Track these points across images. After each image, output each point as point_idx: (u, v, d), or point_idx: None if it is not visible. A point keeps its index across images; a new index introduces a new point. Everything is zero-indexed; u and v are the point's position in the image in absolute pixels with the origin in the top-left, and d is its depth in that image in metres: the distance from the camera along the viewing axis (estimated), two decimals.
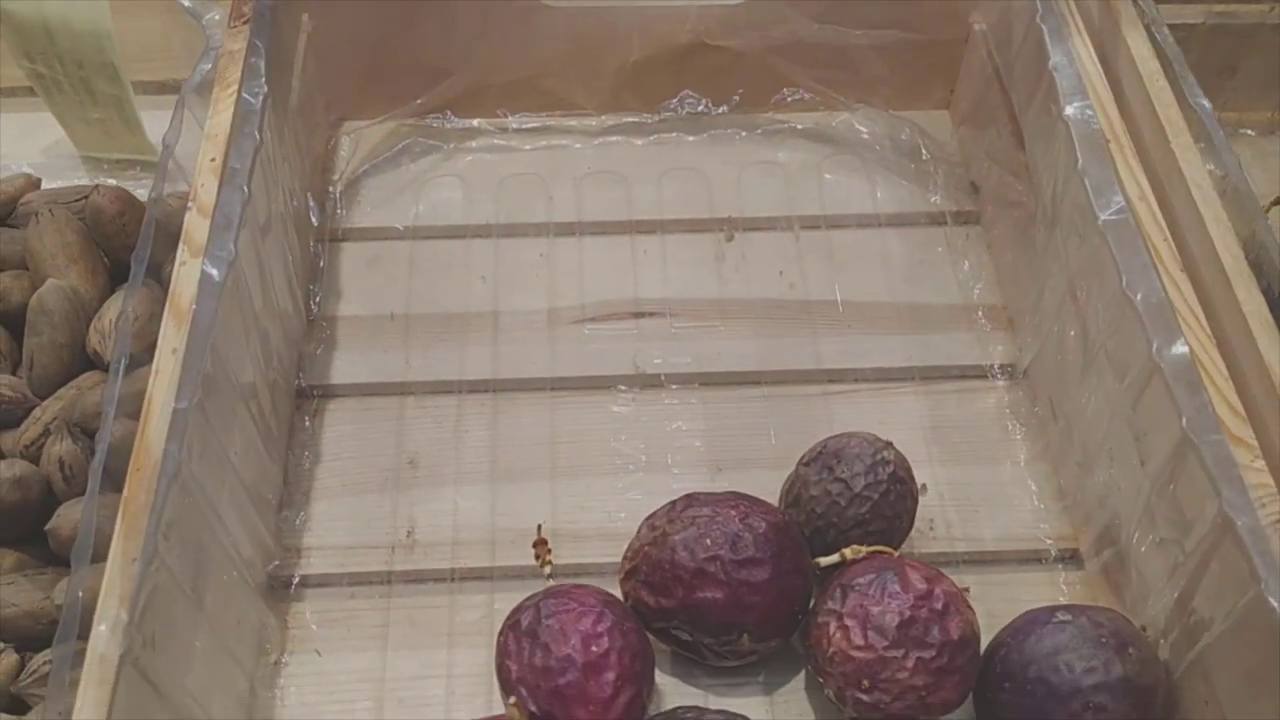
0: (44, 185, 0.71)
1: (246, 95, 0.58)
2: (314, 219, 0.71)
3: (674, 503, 0.56)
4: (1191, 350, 0.50)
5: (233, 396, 0.54)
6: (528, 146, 0.79)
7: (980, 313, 0.71)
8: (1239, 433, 0.48)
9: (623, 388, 0.68)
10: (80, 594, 0.43)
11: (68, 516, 0.51)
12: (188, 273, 0.52)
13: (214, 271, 0.52)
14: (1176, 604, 0.51)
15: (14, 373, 0.59)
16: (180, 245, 0.53)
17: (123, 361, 0.50)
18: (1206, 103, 0.57)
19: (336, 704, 0.56)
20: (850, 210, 0.76)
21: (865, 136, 0.79)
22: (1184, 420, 0.49)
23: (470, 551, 0.61)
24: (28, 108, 0.77)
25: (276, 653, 0.57)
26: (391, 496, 0.63)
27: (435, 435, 0.65)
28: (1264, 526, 0.46)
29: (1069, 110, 0.59)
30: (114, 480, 0.48)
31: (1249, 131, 0.78)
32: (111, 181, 0.73)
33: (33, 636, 0.49)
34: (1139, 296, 0.53)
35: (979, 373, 0.69)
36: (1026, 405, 0.67)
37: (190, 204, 0.54)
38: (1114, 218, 0.55)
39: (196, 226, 0.53)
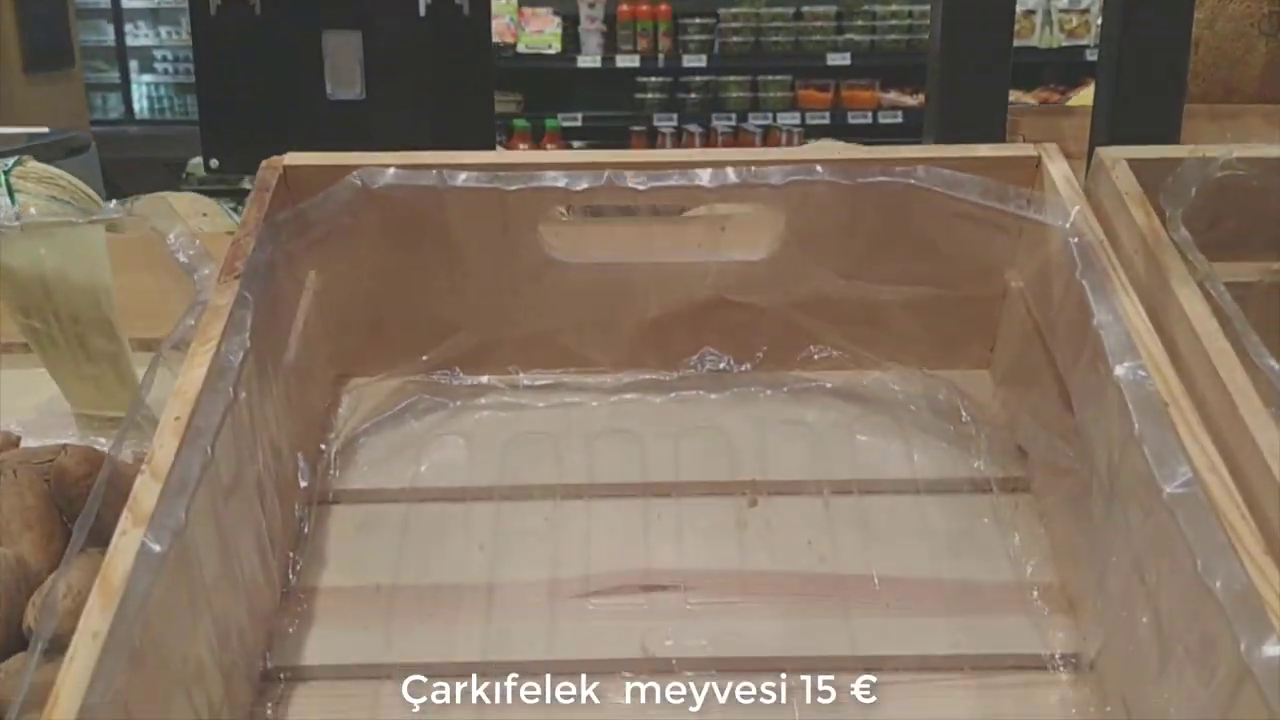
0: (28, 443, 0.68)
1: (226, 351, 0.55)
2: (303, 480, 0.67)
3: None
4: None
5: (169, 684, 0.48)
6: (540, 404, 0.74)
7: (1036, 592, 0.63)
8: None
9: (628, 674, 0.59)
10: None
11: None
12: (126, 544, 0.46)
13: (156, 546, 0.46)
14: None
15: None
16: (124, 513, 0.48)
17: (40, 646, 0.44)
18: (1275, 363, 0.51)
19: None
20: (886, 475, 0.70)
21: (900, 396, 0.74)
22: None
23: None
24: (24, 364, 0.75)
25: None
26: None
27: None
28: None
29: (1119, 371, 0.54)
30: None
31: None
32: (102, 440, 0.69)
33: None
34: (1219, 584, 0.45)
35: (1038, 663, 0.60)
36: (1096, 704, 0.57)
37: (144, 466, 0.49)
38: (1181, 490, 0.48)
39: (146, 492, 0.48)
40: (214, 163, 1.15)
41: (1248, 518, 0.47)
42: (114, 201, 0.78)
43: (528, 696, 0.59)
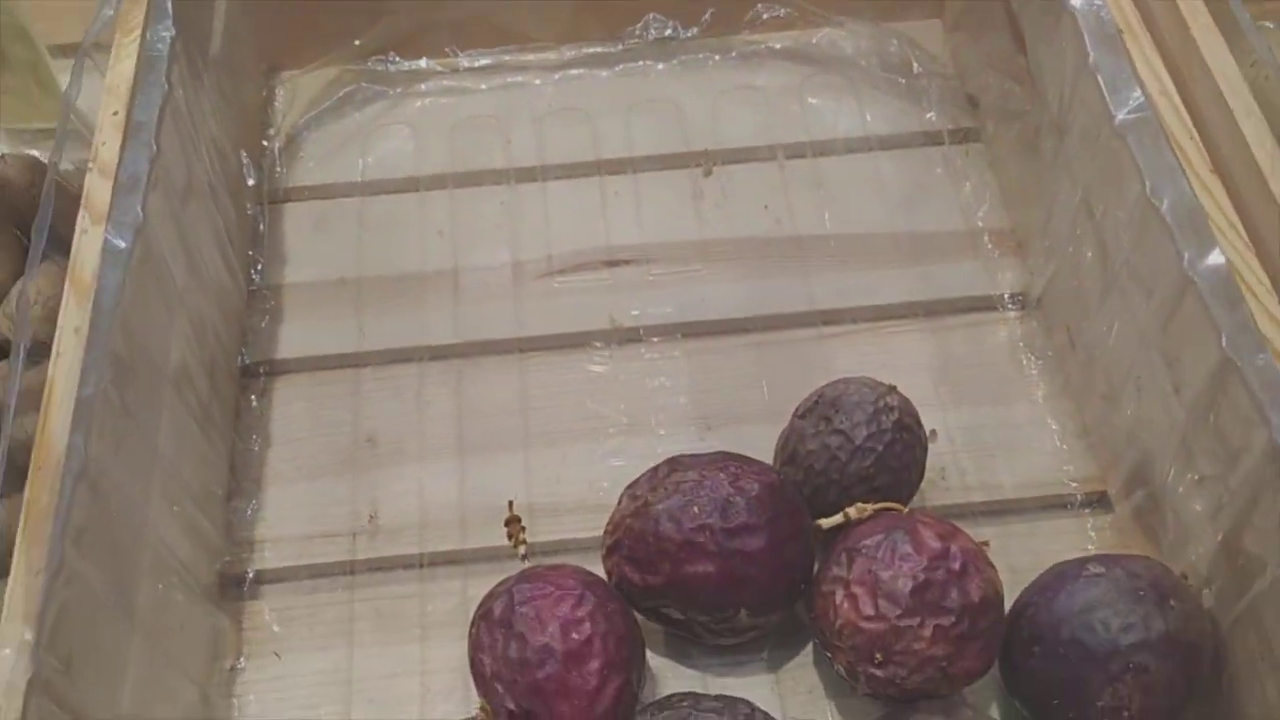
0: None
1: (152, 40, 0.52)
2: (250, 179, 0.65)
3: (656, 468, 0.51)
4: (1229, 260, 0.44)
5: (156, 380, 0.49)
6: (482, 86, 0.72)
7: (986, 238, 0.65)
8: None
9: (598, 344, 0.62)
10: None
11: None
12: (89, 242, 0.46)
13: (119, 241, 0.46)
14: (1222, 547, 0.46)
15: None
16: (80, 212, 0.47)
17: (23, 347, 0.44)
18: None
19: (300, 709, 0.51)
20: (838, 134, 0.70)
21: (849, 53, 0.72)
22: (1224, 340, 0.43)
23: (439, 534, 0.55)
24: None
25: (231, 658, 0.52)
26: (350, 479, 0.57)
27: (395, 409, 0.59)
28: None
29: (1074, 1, 0.53)
30: (18, 482, 0.42)
31: (1268, 24, 0.71)
32: (34, 152, 0.66)
33: None
34: (1165, 204, 0.47)
35: (988, 304, 0.63)
36: (1042, 337, 0.61)
37: (90, 164, 0.48)
38: (1133, 116, 0.49)
39: (97, 189, 0.47)
40: None
41: (1195, 138, 0.48)
42: None
43: (503, 370, 0.61)
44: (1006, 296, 0.63)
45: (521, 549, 0.51)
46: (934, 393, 0.59)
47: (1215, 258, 0.44)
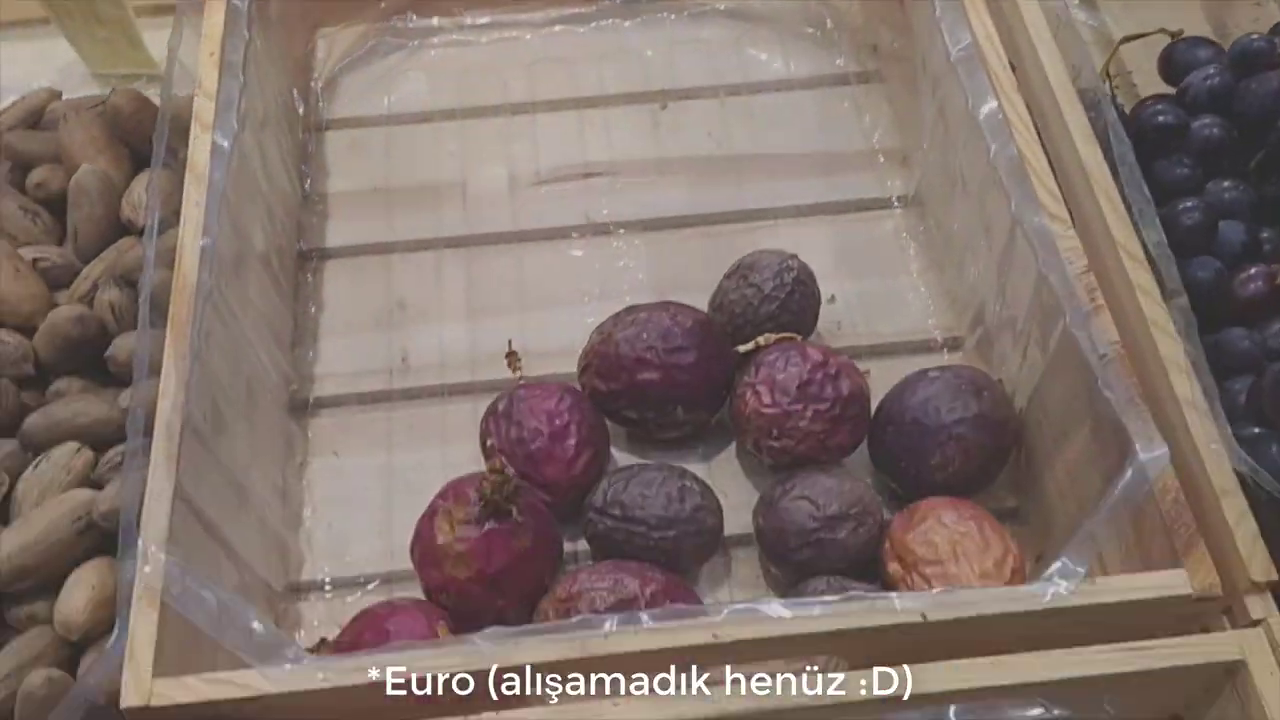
0: (64, 98, 0.82)
1: (234, 2, 0.69)
2: (300, 109, 0.82)
3: (618, 313, 0.68)
4: (1019, 150, 0.62)
5: (246, 250, 0.66)
6: (483, 40, 0.90)
7: (881, 156, 0.83)
8: (1055, 211, 0.60)
9: (576, 235, 0.79)
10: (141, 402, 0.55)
11: (122, 344, 0.63)
12: (201, 144, 0.63)
13: (223, 142, 0.63)
14: (1022, 358, 0.64)
15: (59, 245, 0.70)
16: (192, 124, 0.64)
17: (155, 216, 0.62)
18: None
19: (354, 490, 0.69)
20: (767, 77, 0.87)
21: (778, 12, 0.90)
22: (1012, 206, 0.61)
23: (455, 371, 0.73)
24: (45, 36, 0.87)
25: (301, 455, 0.70)
26: (386, 333, 0.75)
27: (419, 282, 0.77)
28: (1072, 278, 0.58)
29: None
30: (159, 314, 0.59)
31: None
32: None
33: (103, 439, 0.61)
34: (982, 114, 0.64)
35: (880, 204, 0.81)
36: (918, 226, 0.79)
37: (197, 91, 0.65)
38: (962, 54, 0.67)
39: (204, 108, 0.64)
40: None
41: (1007, 68, 0.66)
42: None
43: (502, 256, 0.78)
44: (894, 199, 0.81)
45: (518, 373, 0.69)
46: (835, 269, 0.77)
47: (1010, 149, 0.62)
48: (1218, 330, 0.61)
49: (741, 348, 0.67)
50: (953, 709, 0.47)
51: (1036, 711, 0.47)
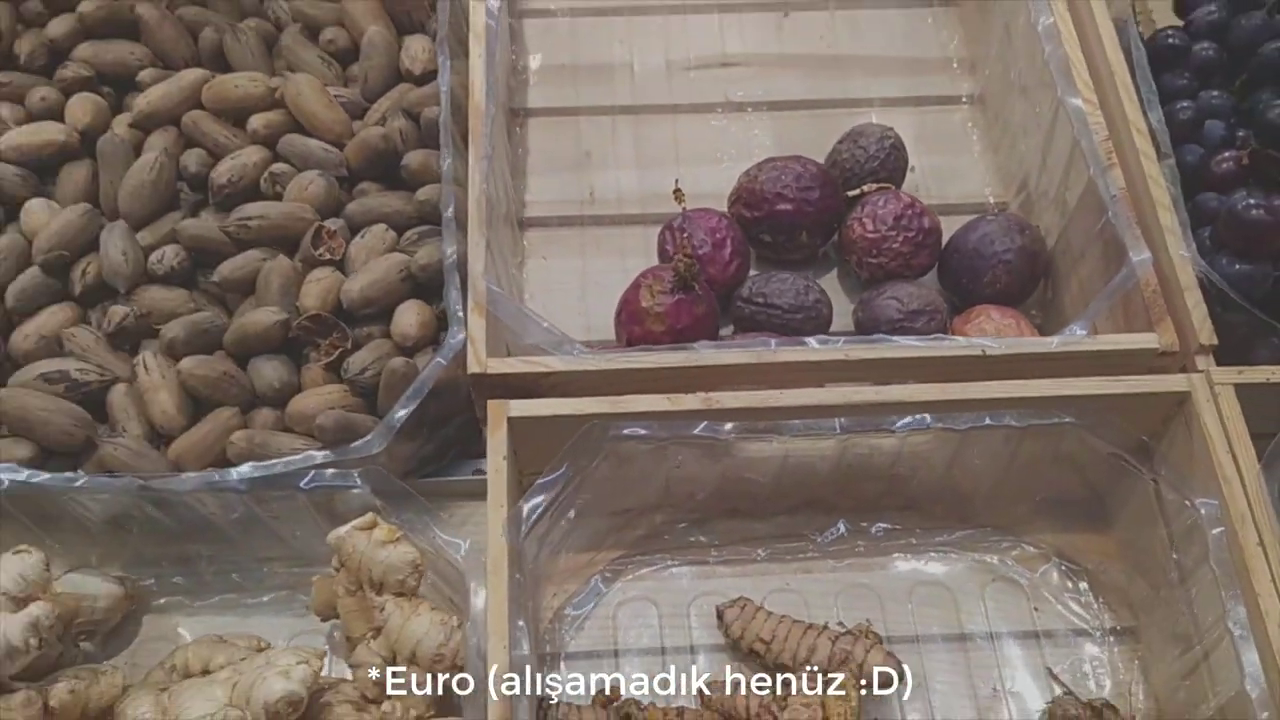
0: None
1: None
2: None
3: (760, 162, 0.93)
4: (1066, 52, 0.86)
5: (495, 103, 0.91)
6: None
7: (954, 63, 1.07)
8: (1088, 96, 0.84)
9: (719, 111, 1.04)
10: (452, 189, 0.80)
11: (413, 157, 0.88)
12: (478, 14, 0.87)
13: (493, 22, 0.87)
14: (1054, 209, 0.89)
15: (345, 87, 0.95)
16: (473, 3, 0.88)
17: (448, 63, 0.86)
18: None
19: (559, 285, 0.94)
20: None
21: None
22: (1059, 91, 0.85)
23: (628, 205, 0.98)
24: None
25: (520, 257, 0.95)
26: (576, 174, 1.00)
27: (599, 138, 1.02)
28: (1096, 144, 0.82)
29: None
30: (456, 131, 0.84)
31: None
32: None
33: (399, 224, 0.86)
34: (1040, 25, 0.88)
35: (952, 100, 1.05)
36: (980, 118, 1.03)
37: None
38: None
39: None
40: None
41: None
42: None
43: (661, 124, 1.03)
44: (963, 97, 1.05)
45: (683, 204, 0.93)
46: (915, 147, 1.00)
47: (1060, 51, 0.86)
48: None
49: (850, 193, 0.92)
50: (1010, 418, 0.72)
51: (1054, 420, 0.73)
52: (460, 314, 0.75)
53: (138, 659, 0.78)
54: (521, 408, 0.71)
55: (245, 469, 0.71)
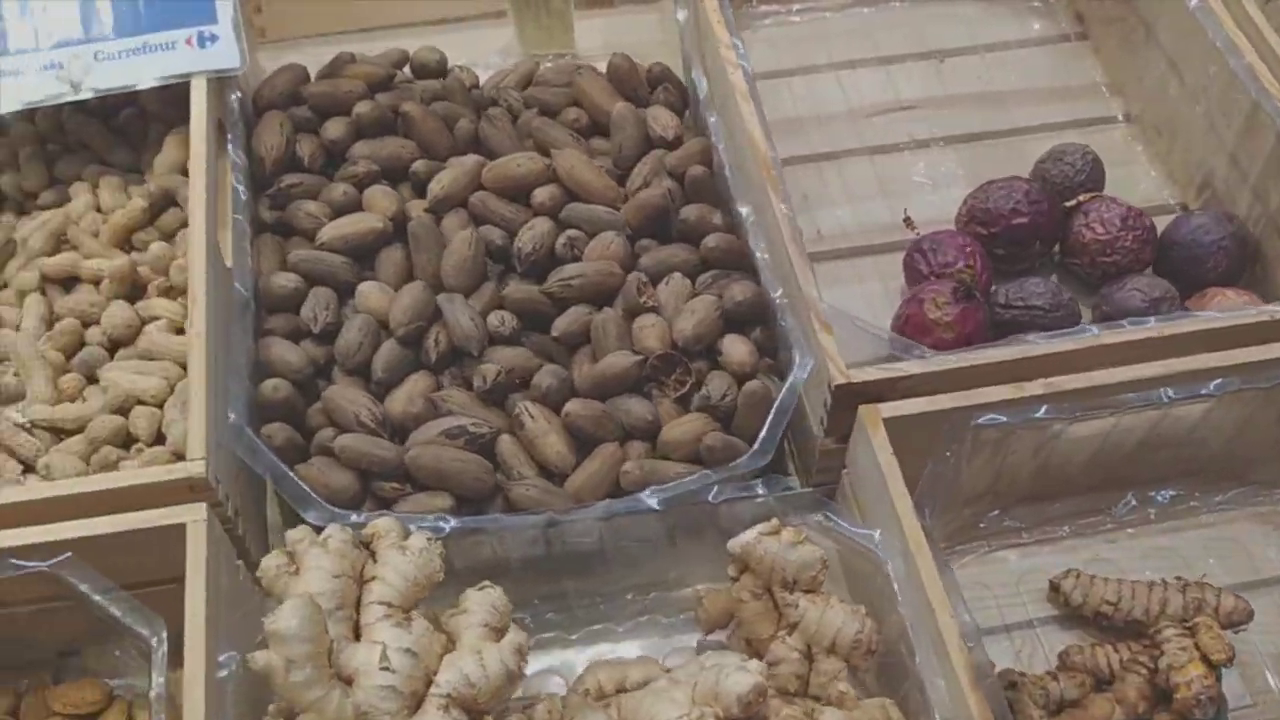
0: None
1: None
2: None
3: (980, 186, 1.03)
4: (1250, 62, 0.98)
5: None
6: (797, 19, 1.25)
7: (1103, 87, 1.19)
8: (1277, 94, 0.96)
9: (907, 149, 1.14)
10: None
11: (690, 210, 0.96)
12: (736, 78, 0.97)
13: (745, 69, 0.97)
14: (1254, 199, 1.00)
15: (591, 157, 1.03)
16: (725, 65, 0.98)
17: (715, 119, 0.95)
18: None
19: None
20: (1011, 38, 1.23)
21: None
22: (1253, 93, 0.97)
23: (855, 238, 1.08)
24: (483, 26, 1.20)
25: None
26: (801, 215, 1.09)
27: (811, 182, 1.12)
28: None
29: None
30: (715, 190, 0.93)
31: None
32: (548, 64, 1.16)
33: (689, 271, 0.94)
34: (1219, 41, 1.01)
35: (1108, 120, 1.17)
36: (1139, 133, 1.15)
37: (721, 47, 0.99)
38: (1198, 4, 1.03)
39: (728, 56, 0.98)
40: None
41: (1226, 12, 1.02)
42: None
43: (859, 163, 1.13)
44: (1119, 116, 1.17)
45: (915, 230, 1.03)
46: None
47: (1244, 60, 0.98)
48: None
49: (1067, 203, 1.03)
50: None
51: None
52: (802, 338, 0.83)
53: (528, 691, 0.82)
54: (891, 409, 0.79)
55: (646, 494, 0.77)
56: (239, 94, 1.00)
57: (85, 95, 0.92)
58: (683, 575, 0.87)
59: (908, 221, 1.04)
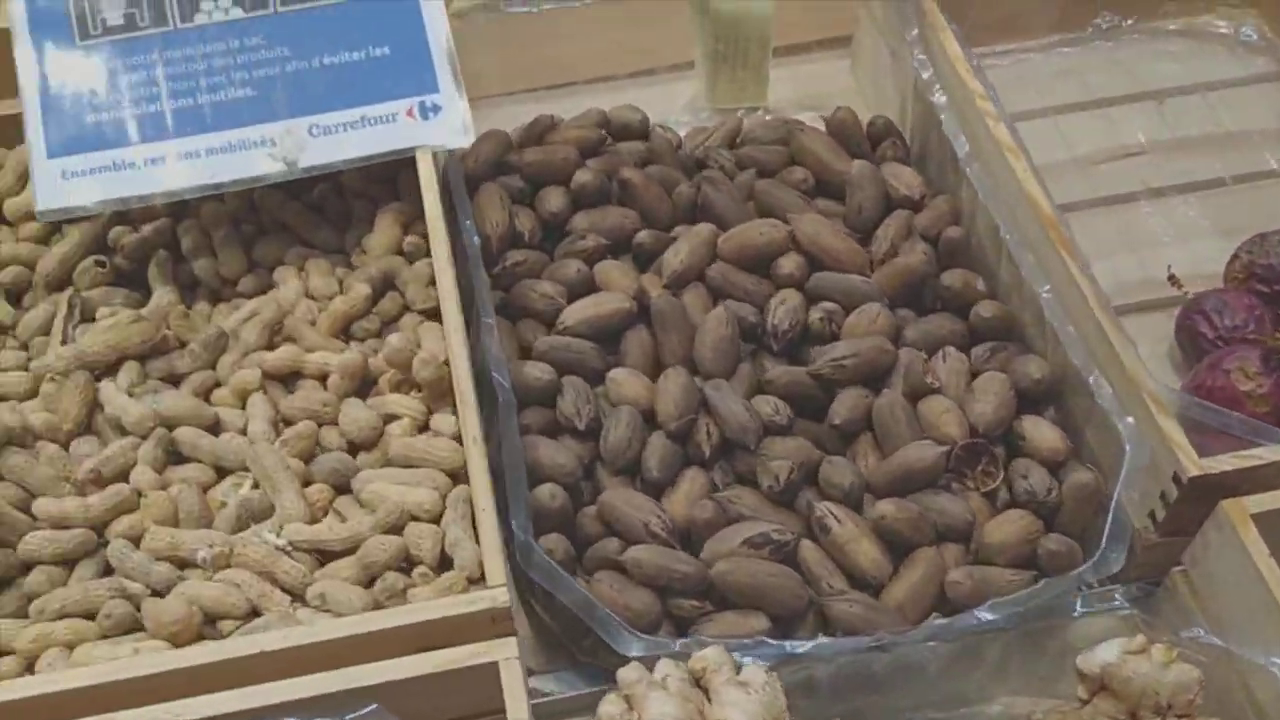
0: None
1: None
2: None
3: (1249, 239, 0.94)
4: None
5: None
6: (1005, 62, 1.17)
7: None
8: None
9: (1143, 198, 1.06)
10: None
11: (953, 275, 0.88)
12: (985, 135, 0.89)
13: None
14: None
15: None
16: (984, 119, 0.90)
17: (979, 183, 0.87)
18: None
19: None
20: (1227, 76, 1.15)
21: (1216, 26, 1.18)
22: None
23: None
24: (667, 81, 1.13)
25: None
26: None
27: None
28: None
29: None
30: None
31: None
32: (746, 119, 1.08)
33: (957, 343, 0.86)
34: None
35: None
36: None
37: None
38: None
39: (987, 109, 0.90)
40: None
41: None
42: None
43: (1095, 215, 1.04)
44: None
45: (1183, 289, 0.94)
46: None
47: None
48: None
49: None
50: None
51: None
52: (1130, 420, 0.74)
53: None
54: (1257, 503, 0.70)
55: (984, 609, 0.68)
56: (441, 165, 0.92)
57: (299, 174, 0.85)
58: (985, 689, 0.77)
59: (1173, 279, 0.95)
